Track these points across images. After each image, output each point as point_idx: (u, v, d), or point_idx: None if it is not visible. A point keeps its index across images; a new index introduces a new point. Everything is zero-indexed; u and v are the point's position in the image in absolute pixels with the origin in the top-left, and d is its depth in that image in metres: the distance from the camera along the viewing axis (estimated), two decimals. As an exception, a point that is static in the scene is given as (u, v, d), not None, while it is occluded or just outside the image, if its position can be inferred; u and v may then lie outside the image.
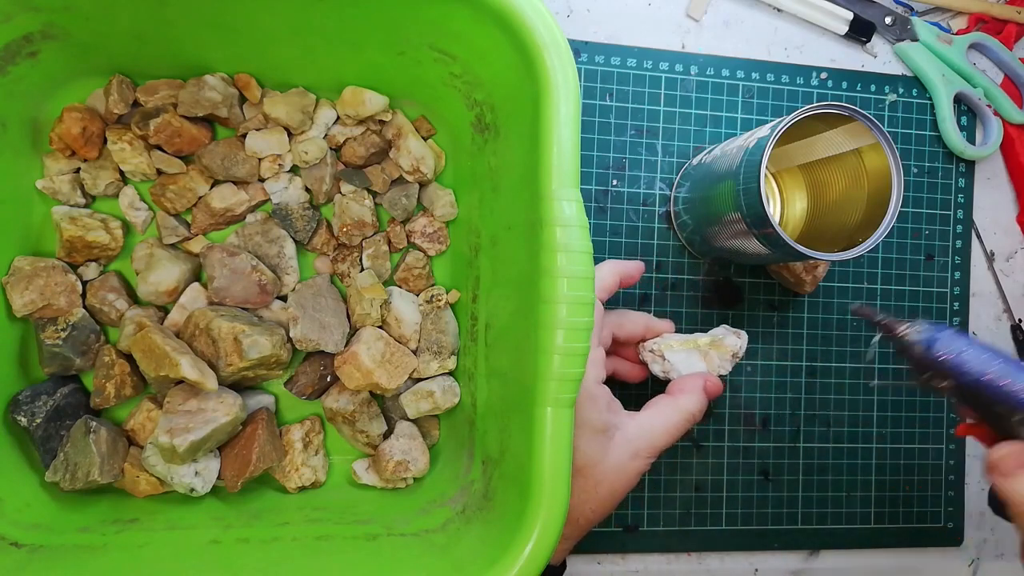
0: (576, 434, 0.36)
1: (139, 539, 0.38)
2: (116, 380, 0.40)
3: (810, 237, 0.44)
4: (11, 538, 0.37)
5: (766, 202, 0.38)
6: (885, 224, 0.39)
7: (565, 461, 0.32)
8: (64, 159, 0.41)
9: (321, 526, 0.40)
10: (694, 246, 0.48)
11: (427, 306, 0.45)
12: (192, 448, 0.37)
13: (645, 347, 0.44)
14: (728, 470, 0.50)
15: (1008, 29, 0.54)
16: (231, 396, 0.40)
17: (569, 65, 0.33)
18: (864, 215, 0.42)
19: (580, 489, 0.39)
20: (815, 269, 0.48)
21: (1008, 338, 0.55)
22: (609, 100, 0.49)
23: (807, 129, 0.43)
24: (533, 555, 0.32)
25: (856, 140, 0.41)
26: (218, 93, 0.41)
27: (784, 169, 0.49)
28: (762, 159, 0.37)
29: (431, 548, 0.38)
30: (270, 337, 0.40)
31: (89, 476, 0.38)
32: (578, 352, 0.32)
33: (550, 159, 0.33)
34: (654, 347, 0.44)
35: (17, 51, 0.37)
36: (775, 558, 0.51)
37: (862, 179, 0.42)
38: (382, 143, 0.44)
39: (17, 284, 0.39)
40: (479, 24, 0.35)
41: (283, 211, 0.43)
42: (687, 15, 0.51)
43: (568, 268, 0.32)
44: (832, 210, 0.45)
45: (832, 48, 0.52)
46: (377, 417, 0.44)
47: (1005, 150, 0.54)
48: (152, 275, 0.41)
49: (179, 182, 0.42)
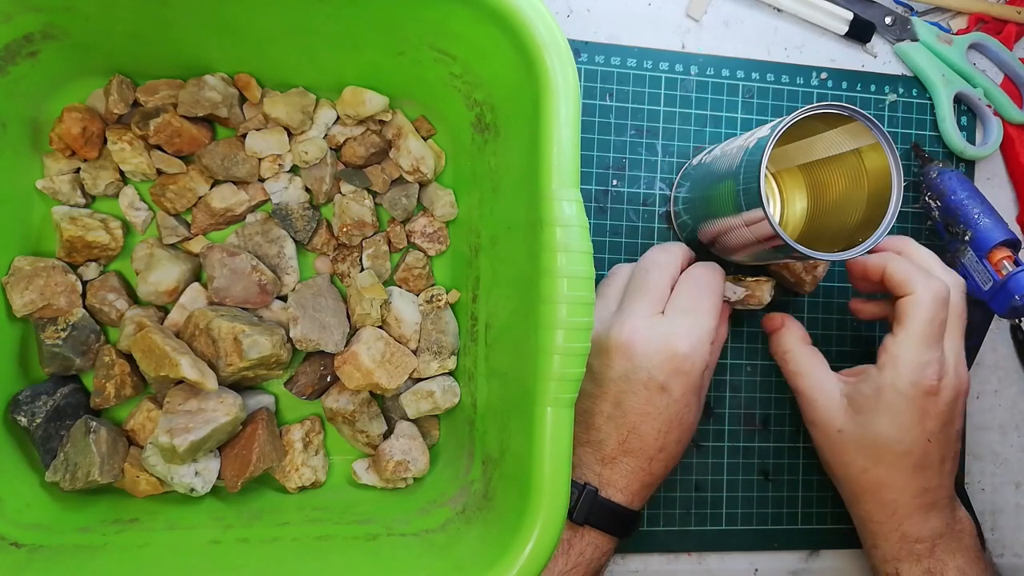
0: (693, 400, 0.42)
1: (139, 539, 0.38)
2: (116, 380, 0.40)
3: (810, 237, 0.44)
4: (11, 538, 0.37)
5: (766, 202, 0.38)
6: (885, 224, 0.39)
7: (565, 461, 0.32)
8: (64, 159, 0.41)
9: (321, 526, 0.40)
10: (694, 246, 0.48)
11: (427, 306, 0.45)
12: (192, 448, 0.37)
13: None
14: (728, 470, 0.50)
15: (1008, 29, 0.54)
16: (231, 396, 0.40)
17: (569, 65, 0.33)
18: (864, 215, 0.42)
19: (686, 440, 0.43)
20: (815, 269, 0.48)
21: (1008, 338, 0.55)
22: (609, 100, 0.49)
23: (807, 129, 0.43)
24: (533, 555, 0.32)
25: (856, 140, 0.41)
26: (218, 93, 0.41)
27: (784, 169, 0.49)
28: (762, 159, 0.37)
29: (431, 548, 0.38)
30: (270, 337, 0.40)
31: (89, 476, 0.38)
32: (578, 352, 0.32)
33: (550, 159, 0.33)
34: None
35: (17, 51, 0.37)
36: (775, 558, 0.51)
37: (862, 179, 0.42)
38: (382, 143, 0.44)
39: (17, 284, 0.39)
40: (479, 24, 0.35)
41: (283, 211, 0.43)
42: (687, 15, 0.51)
43: (568, 268, 0.32)
44: (832, 210, 0.45)
45: (832, 48, 0.52)
46: (377, 417, 0.44)
47: (1005, 150, 0.54)
48: (152, 275, 0.41)
49: (179, 182, 0.42)
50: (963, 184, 0.48)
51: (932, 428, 0.42)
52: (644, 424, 0.41)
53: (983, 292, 0.46)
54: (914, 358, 0.41)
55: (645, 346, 0.40)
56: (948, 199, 0.47)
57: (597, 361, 0.42)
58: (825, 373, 0.45)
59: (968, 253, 0.47)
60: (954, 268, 0.48)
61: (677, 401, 0.41)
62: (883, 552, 0.44)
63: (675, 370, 0.40)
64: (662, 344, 0.40)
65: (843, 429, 0.43)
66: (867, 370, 0.43)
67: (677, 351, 0.40)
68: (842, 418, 0.43)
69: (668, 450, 0.41)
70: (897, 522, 0.43)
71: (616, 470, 0.41)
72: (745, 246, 0.42)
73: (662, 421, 0.41)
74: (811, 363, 0.45)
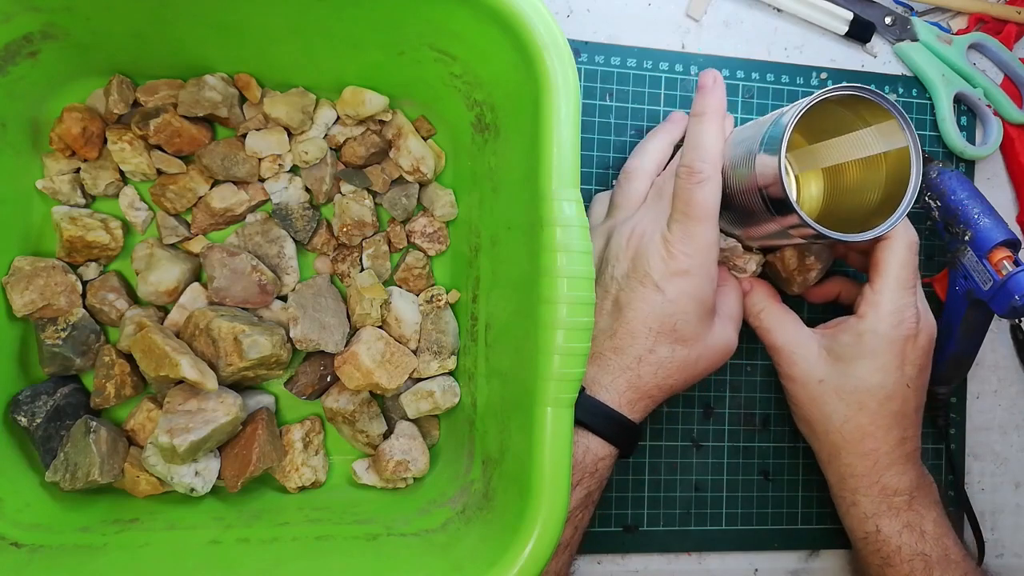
0: (688, 307, 0.41)
1: (139, 539, 0.38)
2: (116, 380, 0.40)
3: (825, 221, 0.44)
4: (11, 538, 0.37)
5: (784, 174, 0.38)
6: (905, 204, 0.39)
7: (565, 461, 0.33)
8: (64, 159, 0.41)
9: (321, 526, 0.40)
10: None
11: (427, 306, 0.45)
12: (192, 448, 0.37)
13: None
14: (728, 470, 0.50)
15: (1008, 29, 0.54)
16: (231, 396, 0.40)
17: (569, 65, 0.33)
18: (882, 196, 0.42)
19: (682, 359, 0.41)
20: (807, 272, 0.48)
21: (1008, 338, 0.55)
22: (609, 100, 0.49)
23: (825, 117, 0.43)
24: (533, 555, 0.32)
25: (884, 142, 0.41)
26: (218, 93, 0.41)
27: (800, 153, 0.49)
28: (783, 136, 0.37)
29: (431, 548, 0.38)
30: (270, 337, 0.40)
31: (89, 476, 0.38)
32: (578, 352, 0.33)
33: (550, 159, 0.33)
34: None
35: (17, 51, 0.37)
36: (775, 558, 0.51)
37: (879, 162, 0.42)
38: (382, 143, 0.44)
39: (17, 284, 0.39)
40: (479, 24, 0.35)
41: (283, 211, 0.43)
42: (687, 15, 0.51)
43: (568, 268, 0.32)
44: (848, 193, 0.45)
45: (832, 48, 0.52)
46: (377, 417, 0.44)
47: (1005, 150, 0.54)
48: (152, 275, 0.41)
49: (179, 182, 0.42)
50: (963, 184, 0.48)
51: (911, 373, 0.43)
52: (636, 320, 0.41)
53: (983, 292, 0.46)
54: (894, 302, 0.42)
55: (640, 244, 0.41)
56: (948, 199, 0.47)
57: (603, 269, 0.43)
58: (800, 326, 0.46)
59: (968, 253, 0.47)
60: (954, 268, 0.48)
61: (673, 302, 0.40)
62: (862, 509, 0.44)
63: (672, 271, 0.40)
64: (657, 244, 0.41)
65: (824, 379, 0.44)
66: (845, 320, 0.44)
67: (673, 254, 0.40)
68: (823, 368, 0.44)
69: (659, 356, 0.41)
70: (878, 474, 0.43)
71: (602, 368, 0.41)
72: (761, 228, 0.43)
73: (653, 318, 0.40)
74: (785, 318, 0.46)
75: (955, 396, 0.53)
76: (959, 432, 0.53)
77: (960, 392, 0.54)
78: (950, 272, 0.49)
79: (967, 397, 0.54)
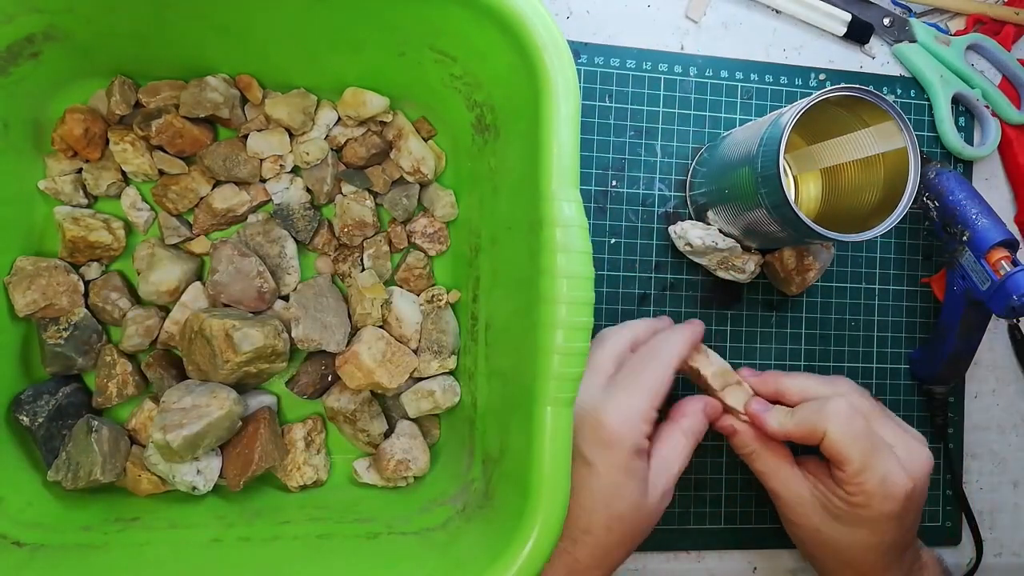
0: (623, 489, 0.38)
1: (141, 538, 0.38)
2: (118, 379, 0.40)
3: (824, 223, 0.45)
4: (13, 537, 0.37)
5: (783, 173, 0.38)
6: (903, 204, 0.39)
7: (565, 460, 0.33)
8: (66, 160, 0.41)
9: (322, 525, 0.40)
10: (705, 222, 0.49)
11: (428, 306, 0.45)
12: (187, 444, 0.37)
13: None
14: (728, 469, 0.50)
15: (1006, 30, 0.54)
16: (224, 391, 0.40)
17: (569, 66, 0.34)
18: (880, 198, 0.42)
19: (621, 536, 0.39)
20: (806, 272, 0.48)
21: (1006, 338, 0.55)
22: (609, 101, 0.49)
23: (823, 118, 0.43)
24: (533, 553, 0.32)
25: (882, 143, 0.42)
26: (220, 94, 0.41)
27: (799, 154, 0.49)
28: (782, 136, 0.38)
29: (432, 546, 0.38)
30: (261, 328, 0.40)
31: (91, 475, 0.38)
32: (578, 352, 0.33)
33: (550, 159, 0.33)
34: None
35: (19, 52, 0.37)
36: (774, 557, 0.51)
37: (877, 163, 0.42)
38: (383, 144, 0.44)
39: (19, 284, 0.39)
40: (479, 25, 0.35)
41: (284, 211, 0.43)
42: (686, 16, 0.51)
43: (568, 268, 0.32)
44: (846, 194, 0.45)
45: (830, 49, 0.53)
46: (378, 416, 0.44)
47: (1003, 151, 0.55)
48: (154, 275, 0.41)
49: (181, 183, 0.42)
50: (961, 184, 0.48)
51: (910, 522, 0.42)
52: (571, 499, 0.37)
53: (981, 292, 0.46)
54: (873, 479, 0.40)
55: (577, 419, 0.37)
56: (946, 199, 0.48)
57: None
58: (794, 473, 0.44)
59: (966, 253, 0.47)
60: (952, 268, 0.49)
61: (601, 477, 0.38)
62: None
63: (599, 442, 0.38)
64: (590, 416, 0.39)
65: (821, 529, 0.43)
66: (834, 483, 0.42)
67: (602, 424, 0.38)
68: (818, 519, 0.43)
69: (595, 535, 0.38)
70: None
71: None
72: (760, 226, 0.43)
73: (586, 497, 0.38)
74: (780, 464, 0.44)
75: (953, 396, 0.53)
76: (957, 431, 0.54)
77: (958, 392, 0.54)
78: (948, 272, 0.49)
79: (965, 397, 0.54)
